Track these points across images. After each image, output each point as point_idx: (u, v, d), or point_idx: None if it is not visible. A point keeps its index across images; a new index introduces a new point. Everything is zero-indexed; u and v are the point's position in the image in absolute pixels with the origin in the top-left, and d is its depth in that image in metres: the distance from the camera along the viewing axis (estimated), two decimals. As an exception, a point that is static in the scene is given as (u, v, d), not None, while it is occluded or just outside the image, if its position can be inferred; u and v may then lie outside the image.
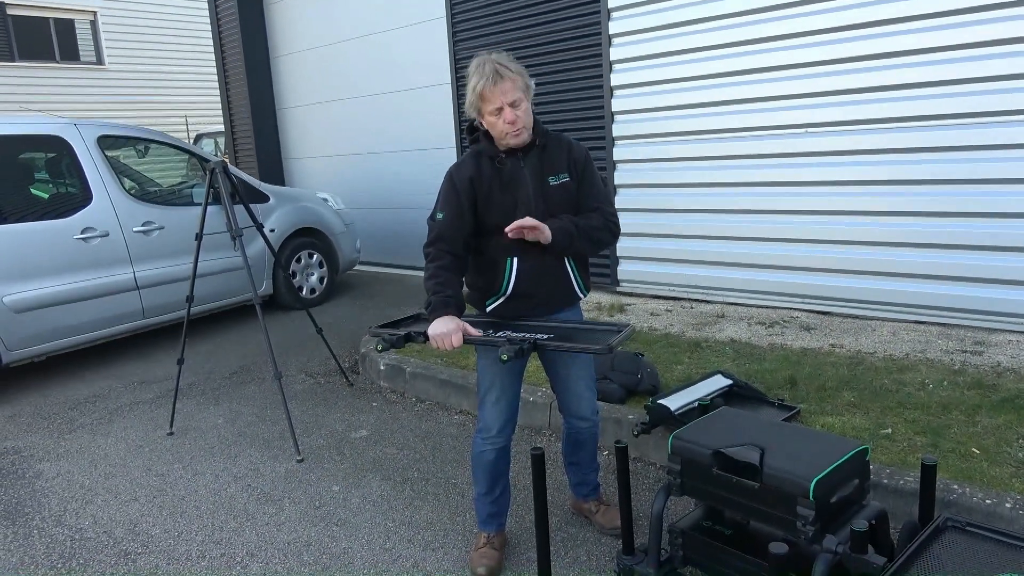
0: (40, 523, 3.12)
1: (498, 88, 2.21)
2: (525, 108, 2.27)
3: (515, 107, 2.24)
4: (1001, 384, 3.43)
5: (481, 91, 2.23)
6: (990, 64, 4.01)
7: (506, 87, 2.22)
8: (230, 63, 9.22)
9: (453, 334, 2.23)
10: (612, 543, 2.67)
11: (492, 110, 2.25)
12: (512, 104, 2.23)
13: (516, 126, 2.25)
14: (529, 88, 2.30)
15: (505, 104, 2.22)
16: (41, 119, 5.21)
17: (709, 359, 4.08)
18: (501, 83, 2.21)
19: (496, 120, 2.26)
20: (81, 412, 4.42)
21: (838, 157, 4.62)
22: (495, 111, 2.24)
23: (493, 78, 2.21)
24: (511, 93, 2.22)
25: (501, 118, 2.24)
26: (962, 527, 1.83)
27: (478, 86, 2.24)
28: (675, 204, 5.42)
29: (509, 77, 2.22)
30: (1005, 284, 4.14)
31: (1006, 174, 4.05)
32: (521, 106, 2.25)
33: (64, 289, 4.88)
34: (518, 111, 2.24)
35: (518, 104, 2.24)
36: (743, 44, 4.86)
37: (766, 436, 2.11)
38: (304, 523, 2.98)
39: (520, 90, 2.25)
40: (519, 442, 3.48)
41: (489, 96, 2.22)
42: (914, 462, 2.76)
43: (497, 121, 2.26)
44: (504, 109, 2.23)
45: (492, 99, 2.23)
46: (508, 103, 2.22)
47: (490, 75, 2.21)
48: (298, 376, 4.81)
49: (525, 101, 2.27)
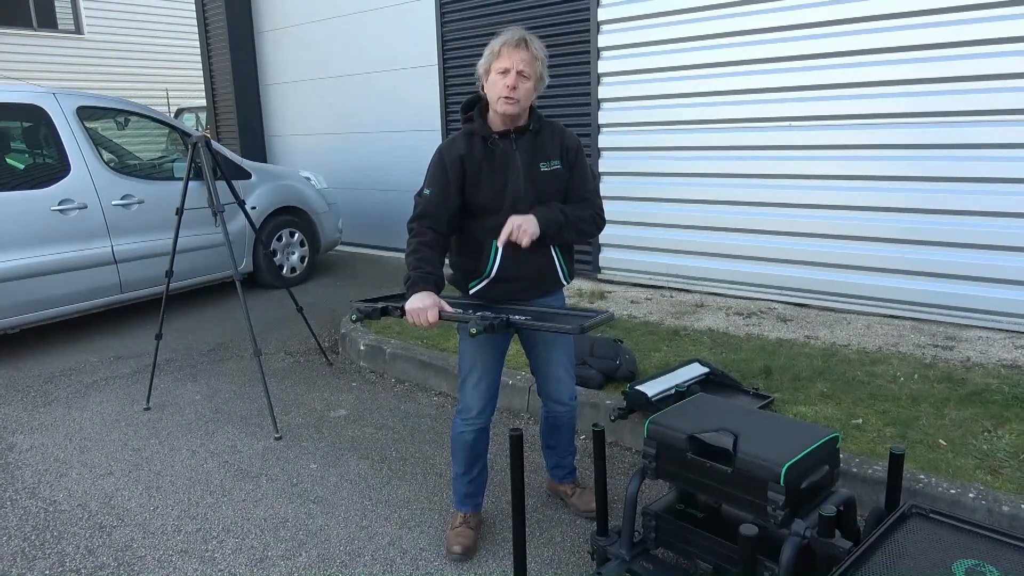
0: (13, 495, 3.10)
1: (516, 52, 2.24)
2: (529, 87, 2.28)
3: (521, 76, 2.25)
4: (969, 379, 3.51)
5: (499, 48, 2.26)
6: (971, 64, 4.06)
7: (524, 55, 2.25)
8: (213, 37, 9.07)
9: (429, 309, 2.23)
10: (586, 525, 2.72)
11: (500, 68, 2.26)
12: (520, 72, 2.25)
13: (515, 93, 2.26)
14: (542, 78, 2.33)
15: (514, 69, 2.24)
16: (19, 87, 5.11)
17: (687, 347, 4.13)
18: (521, 50, 2.25)
19: (499, 80, 2.26)
20: (56, 385, 4.38)
21: (820, 151, 4.67)
22: (503, 70, 2.25)
23: (516, 42, 2.25)
24: (525, 63, 2.25)
25: (505, 79, 2.25)
26: (926, 514, 1.89)
27: (498, 44, 2.27)
28: (658, 193, 5.45)
29: (531, 51, 2.26)
30: (977, 281, 4.23)
31: (982, 173, 4.12)
32: (526, 82, 2.27)
33: (40, 261, 4.81)
34: (520, 83, 2.25)
35: (525, 76, 2.26)
36: (730, 35, 4.89)
37: (740, 423, 2.16)
38: (281, 500, 2.99)
39: (533, 68, 2.27)
40: (497, 424, 3.50)
41: (505, 54, 2.25)
42: (883, 452, 2.83)
43: (499, 80, 2.26)
44: (511, 72, 2.24)
45: (505, 58, 2.25)
46: (517, 69, 2.24)
47: (515, 39, 2.25)
48: (277, 354, 4.80)
49: (531, 81, 2.28)
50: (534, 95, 2.33)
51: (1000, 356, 3.80)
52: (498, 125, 2.36)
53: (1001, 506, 2.45)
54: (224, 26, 8.76)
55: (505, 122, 2.35)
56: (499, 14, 6.13)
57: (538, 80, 2.31)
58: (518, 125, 2.37)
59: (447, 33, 6.70)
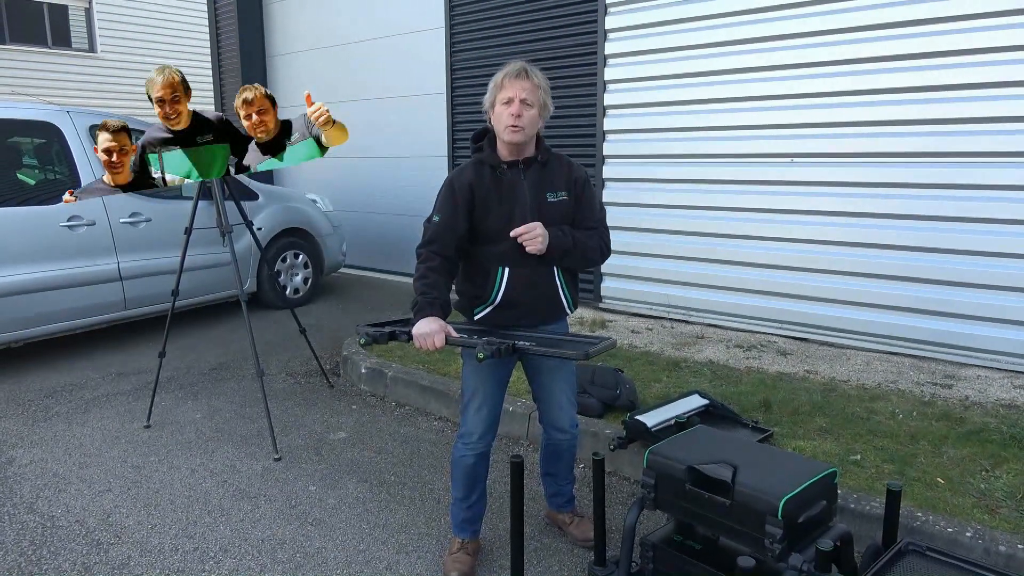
0: (11, 509, 3.10)
1: (518, 82, 2.32)
2: (533, 115, 2.34)
3: (525, 104, 2.32)
4: (968, 417, 3.52)
5: (502, 80, 2.35)
6: (972, 106, 4.14)
7: (525, 84, 2.32)
8: (225, 59, 9.22)
9: (436, 335, 2.27)
10: (584, 554, 2.71)
11: (504, 99, 2.33)
12: (523, 100, 2.31)
13: (519, 121, 2.32)
14: (546, 106, 2.39)
15: (517, 98, 2.31)
16: (35, 105, 5.19)
17: (687, 379, 4.15)
18: (522, 79, 2.33)
19: (504, 110, 2.33)
20: (57, 400, 4.39)
21: (822, 188, 4.73)
22: (507, 100, 2.32)
23: (517, 72, 2.34)
24: (527, 92, 2.32)
25: (509, 108, 2.31)
26: (923, 551, 1.90)
27: (500, 76, 2.36)
28: (661, 225, 5.50)
29: (531, 79, 2.34)
30: (976, 320, 4.25)
31: (982, 213, 4.17)
32: (530, 110, 2.33)
33: (46, 276, 4.85)
34: (525, 111, 2.32)
35: (529, 104, 2.32)
36: (733, 72, 4.97)
37: (739, 455, 2.17)
38: (279, 521, 2.99)
39: (536, 96, 2.34)
40: (497, 451, 3.51)
41: (506, 85, 2.33)
42: (881, 488, 2.83)
43: (504, 111, 2.33)
44: (515, 101, 2.31)
45: (508, 89, 2.33)
46: (520, 98, 2.31)
47: (516, 70, 2.34)
48: (279, 375, 4.81)
49: (535, 109, 2.34)
50: (540, 123, 2.39)
51: (999, 395, 3.81)
52: (507, 155, 2.42)
53: (998, 545, 2.46)
54: (236, 49, 8.91)
55: (513, 152, 2.40)
56: (508, 45, 6.24)
57: (542, 108, 2.37)
58: (526, 156, 2.42)
59: (456, 62, 6.81)
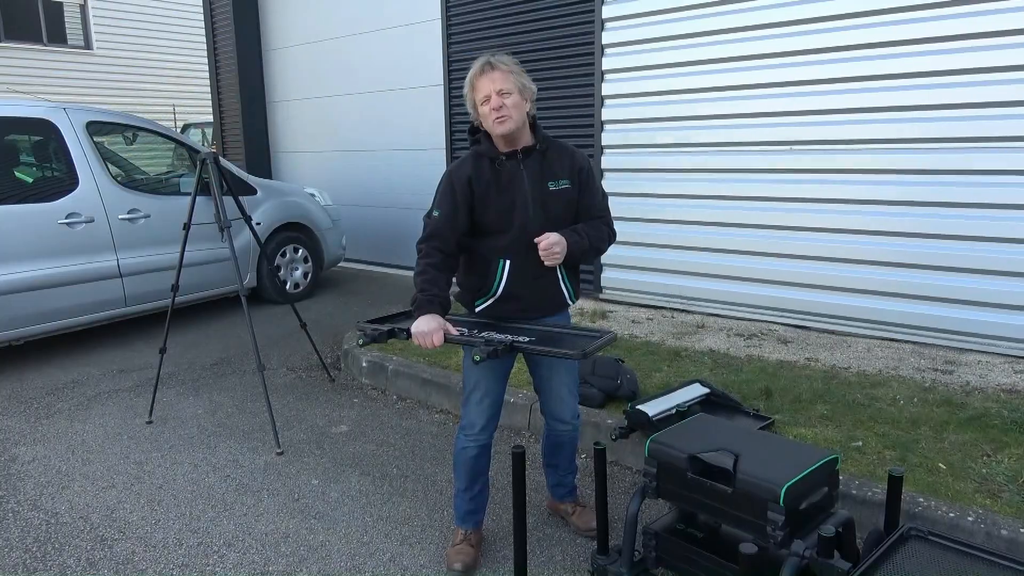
0: (15, 506, 3.11)
1: (486, 76, 2.29)
2: (515, 101, 2.30)
3: (502, 94, 2.28)
4: (969, 403, 3.52)
5: (472, 80, 2.33)
6: (972, 91, 4.12)
7: (495, 76, 2.29)
8: (222, 54, 9.18)
9: (435, 333, 2.27)
10: (587, 544, 2.72)
11: (482, 98, 2.31)
12: (499, 92, 2.28)
13: (502, 112, 2.29)
14: (525, 88, 2.34)
15: (492, 92, 2.28)
16: (30, 102, 5.17)
17: (688, 368, 4.15)
18: (491, 72, 2.29)
19: (484, 108, 2.31)
20: (59, 397, 4.39)
21: (821, 175, 4.72)
22: (484, 99, 2.30)
23: (483, 68, 2.31)
24: (500, 82, 2.28)
25: (488, 104, 2.29)
26: (925, 536, 1.90)
27: (468, 79, 2.34)
28: (661, 214, 5.50)
29: (500, 68, 2.30)
30: (976, 305, 4.25)
31: (981, 199, 4.16)
32: (509, 97, 2.29)
33: (45, 274, 4.85)
34: (504, 100, 2.28)
35: (506, 93, 2.28)
36: (732, 60, 4.95)
37: (740, 443, 2.17)
38: (282, 515, 3.00)
39: (509, 82, 2.29)
40: (498, 443, 3.52)
41: (478, 85, 2.31)
42: (883, 475, 2.84)
43: (485, 109, 2.31)
44: (491, 96, 2.28)
45: (481, 87, 2.30)
46: (496, 91, 2.28)
47: (481, 65, 2.31)
48: (280, 370, 4.82)
49: (516, 95, 2.30)
50: (526, 105, 2.36)
51: (999, 380, 3.82)
52: (504, 147, 2.40)
53: (1000, 530, 2.46)
54: (232, 43, 8.87)
55: (509, 143, 2.39)
56: (505, 36, 6.21)
57: (522, 89, 2.33)
58: (524, 145, 2.41)
59: (453, 54, 6.78)
